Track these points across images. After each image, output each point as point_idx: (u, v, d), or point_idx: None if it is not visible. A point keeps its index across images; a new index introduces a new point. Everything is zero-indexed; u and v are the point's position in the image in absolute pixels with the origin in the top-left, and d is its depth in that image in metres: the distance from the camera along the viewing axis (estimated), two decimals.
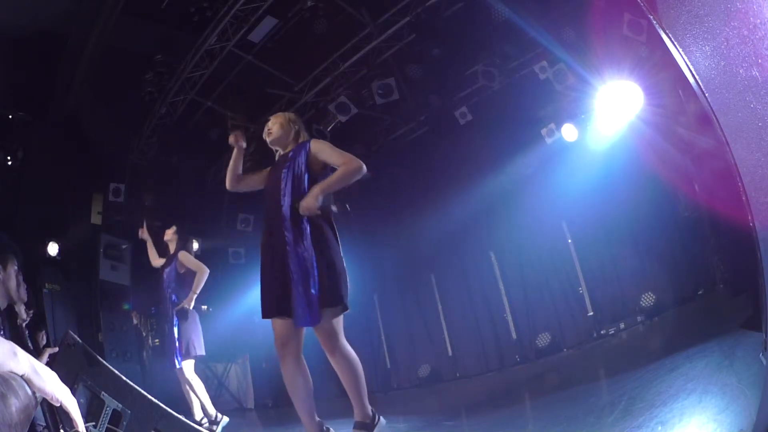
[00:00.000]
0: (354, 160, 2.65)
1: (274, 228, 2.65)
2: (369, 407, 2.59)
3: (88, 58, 6.13)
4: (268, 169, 2.93)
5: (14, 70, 6.11)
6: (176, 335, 4.36)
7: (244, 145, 2.91)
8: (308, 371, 2.61)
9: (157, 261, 4.85)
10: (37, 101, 6.67)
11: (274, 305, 2.57)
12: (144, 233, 4.95)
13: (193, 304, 4.42)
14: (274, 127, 2.89)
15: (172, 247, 4.70)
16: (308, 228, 2.58)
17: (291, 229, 2.58)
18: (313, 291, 2.48)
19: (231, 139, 2.88)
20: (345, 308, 2.58)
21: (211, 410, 4.39)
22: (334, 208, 2.83)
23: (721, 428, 1.95)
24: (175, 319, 4.39)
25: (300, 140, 2.89)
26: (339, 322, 2.56)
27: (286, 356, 2.55)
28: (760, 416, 1.61)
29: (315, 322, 2.49)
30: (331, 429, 2.65)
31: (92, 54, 6.07)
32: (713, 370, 2.92)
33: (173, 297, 4.50)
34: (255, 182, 2.94)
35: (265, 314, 2.59)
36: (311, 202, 2.50)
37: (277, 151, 2.95)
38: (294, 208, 2.58)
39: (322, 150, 2.75)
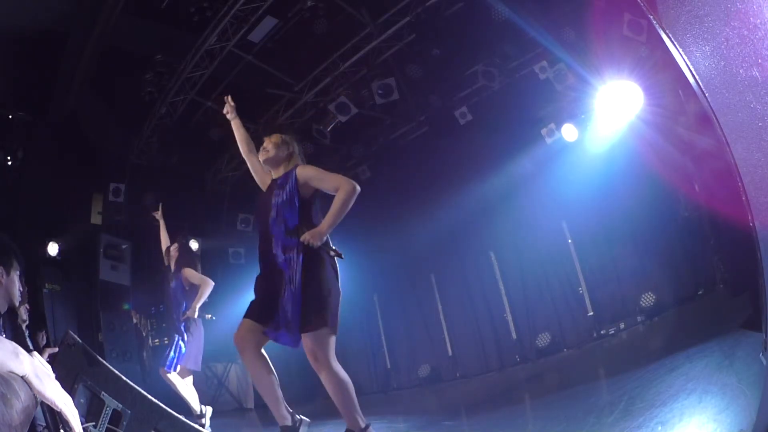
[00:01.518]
0: (346, 182, 2.67)
1: (266, 249, 2.73)
2: (361, 420, 2.59)
3: (88, 58, 6.13)
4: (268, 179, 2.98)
5: (14, 69, 6.11)
6: (181, 349, 4.45)
7: (232, 116, 3.12)
8: (269, 361, 2.64)
9: (165, 243, 4.93)
10: (37, 101, 6.67)
11: (256, 312, 2.64)
12: (158, 215, 5.04)
13: (197, 313, 4.49)
14: (269, 146, 2.91)
15: (173, 264, 4.75)
16: (300, 254, 2.62)
17: (282, 253, 2.65)
18: (296, 314, 2.54)
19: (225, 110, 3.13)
20: (331, 331, 2.60)
21: (196, 406, 4.50)
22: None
23: (721, 428, 1.95)
24: (184, 333, 4.47)
25: (291, 163, 2.90)
26: (325, 343, 2.57)
27: (245, 349, 2.59)
28: (760, 416, 1.61)
29: (294, 344, 2.56)
30: (304, 418, 2.65)
31: (92, 54, 6.06)
32: (713, 370, 2.92)
33: (182, 311, 4.56)
34: (257, 170, 3.06)
35: (248, 315, 2.65)
36: (317, 240, 2.57)
37: (269, 171, 2.98)
38: (291, 233, 2.64)
39: (310, 177, 2.76)
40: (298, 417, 2.64)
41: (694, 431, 2.10)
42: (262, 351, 2.63)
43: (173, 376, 4.42)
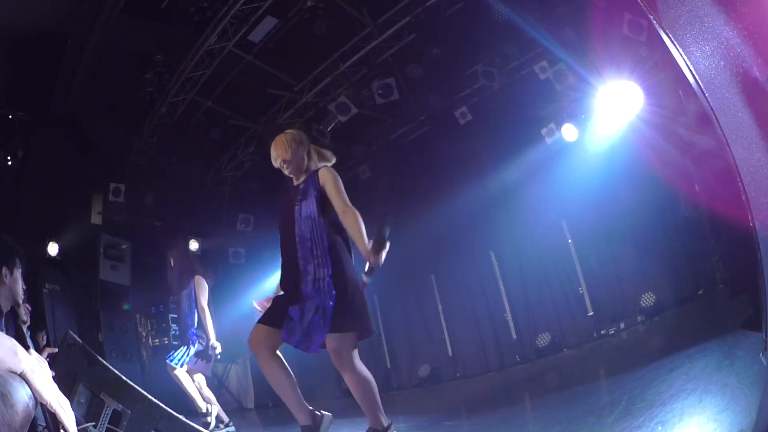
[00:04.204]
0: (350, 211, 2.66)
1: (291, 260, 2.68)
2: (383, 419, 2.57)
3: (88, 58, 6.13)
4: None
5: (14, 70, 6.11)
6: (192, 352, 4.49)
7: None
8: (285, 362, 2.61)
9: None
10: (37, 101, 6.67)
11: (270, 318, 2.62)
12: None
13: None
14: (281, 158, 2.81)
15: (181, 271, 4.78)
16: (329, 261, 2.61)
17: (309, 263, 2.62)
18: (322, 320, 2.51)
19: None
20: (357, 334, 2.59)
21: (201, 404, 4.49)
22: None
23: (721, 428, 1.95)
24: (195, 339, 4.50)
25: (310, 165, 2.86)
26: (349, 341, 2.55)
27: (259, 352, 2.58)
28: (760, 416, 1.61)
29: (311, 349, 2.51)
30: (325, 413, 2.62)
31: (92, 54, 6.07)
32: (713, 370, 2.92)
33: (194, 317, 4.59)
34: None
35: (263, 321, 2.63)
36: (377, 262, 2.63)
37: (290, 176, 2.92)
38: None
39: (327, 184, 2.72)
40: (319, 413, 2.60)
41: (694, 431, 2.10)
42: (278, 353, 2.61)
43: (179, 372, 4.42)
